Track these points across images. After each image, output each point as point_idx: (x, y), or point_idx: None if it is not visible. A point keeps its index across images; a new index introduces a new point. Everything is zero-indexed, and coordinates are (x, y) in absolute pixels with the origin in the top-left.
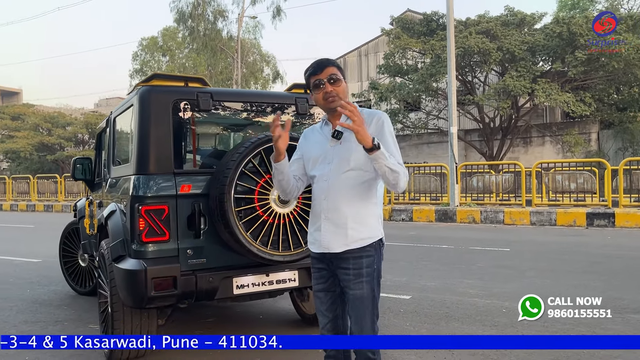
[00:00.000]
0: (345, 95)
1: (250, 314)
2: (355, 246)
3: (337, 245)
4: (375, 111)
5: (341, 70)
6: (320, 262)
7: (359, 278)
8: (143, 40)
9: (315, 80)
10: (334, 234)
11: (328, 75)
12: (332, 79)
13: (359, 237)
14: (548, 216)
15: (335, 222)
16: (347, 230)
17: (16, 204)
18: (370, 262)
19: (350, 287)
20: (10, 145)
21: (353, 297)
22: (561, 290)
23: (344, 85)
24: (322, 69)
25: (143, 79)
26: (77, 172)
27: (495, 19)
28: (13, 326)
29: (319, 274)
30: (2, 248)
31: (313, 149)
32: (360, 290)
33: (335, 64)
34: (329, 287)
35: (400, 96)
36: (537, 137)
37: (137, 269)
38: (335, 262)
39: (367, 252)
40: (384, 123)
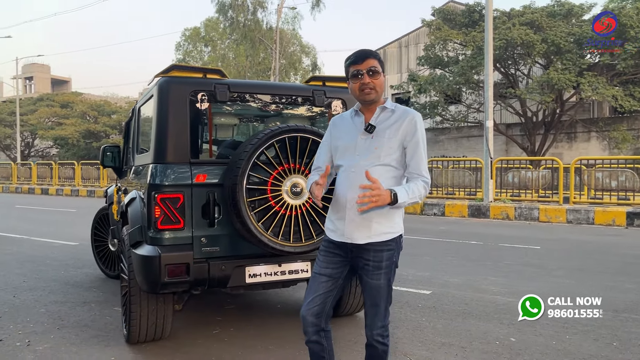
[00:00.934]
0: (382, 89)
1: (269, 303)
2: (377, 239)
3: (360, 237)
4: (410, 110)
5: (382, 63)
6: (337, 249)
7: (378, 270)
8: (186, 30)
9: (355, 70)
10: (358, 225)
11: (368, 67)
12: (371, 71)
13: (382, 231)
14: (586, 214)
15: (361, 214)
16: (371, 224)
17: (61, 189)
18: (390, 255)
19: (369, 277)
20: (59, 132)
21: (370, 285)
22: (585, 291)
23: (382, 78)
24: (363, 59)
25: (162, 70)
26: (106, 160)
27: (541, 9)
28: (43, 305)
29: (330, 259)
30: (45, 231)
31: (342, 137)
32: (378, 280)
33: (376, 56)
34: (335, 274)
35: (439, 88)
36: (582, 132)
37: (152, 255)
38: (355, 251)
39: (388, 245)
40: (416, 125)
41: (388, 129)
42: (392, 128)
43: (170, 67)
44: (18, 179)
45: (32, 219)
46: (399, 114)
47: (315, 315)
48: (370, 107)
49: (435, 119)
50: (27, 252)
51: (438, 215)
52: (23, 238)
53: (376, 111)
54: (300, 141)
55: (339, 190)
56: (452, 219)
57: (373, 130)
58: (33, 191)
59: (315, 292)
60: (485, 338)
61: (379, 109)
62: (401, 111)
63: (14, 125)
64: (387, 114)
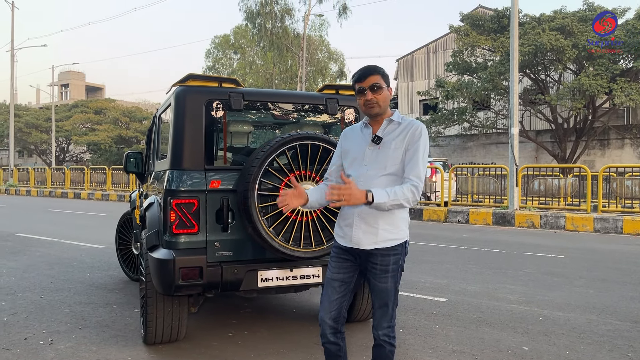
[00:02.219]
0: (387, 102)
1: (284, 307)
2: (384, 245)
3: (367, 242)
4: (415, 122)
5: (385, 77)
6: (346, 254)
7: (385, 273)
8: (216, 38)
9: (359, 87)
10: (365, 232)
11: (371, 84)
12: (374, 87)
13: (388, 237)
14: (614, 223)
15: (368, 221)
16: (378, 230)
17: (93, 193)
18: (396, 259)
19: (377, 280)
20: (92, 138)
21: (378, 288)
22: (604, 301)
23: (386, 93)
24: (366, 76)
25: (179, 80)
26: (130, 166)
27: (572, 14)
28: (68, 306)
29: (341, 265)
30: (74, 234)
31: (352, 148)
32: (385, 283)
33: (380, 72)
34: (347, 278)
35: (467, 94)
36: (615, 139)
37: (167, 258)
38: (363, 256)
39: (395, 251)
40: (420, 134)
41: (394, 141)
42: (397, 139)
43: (186, 77)
44: (52, 184)
45: (64, 222)
46: (404, 125)
47: (333, 319)
48: (377, 120)
49: (464, 126)
50: (56, 254)
51: (462, 223)
52: (54, 241)
53: (383, 123)
54: (311, 148)
55: None
56: (477, 226)
57: (380, 142)
58: (66, 195)
59: (330, 297)
60: (497, 346)
61: (386, 121)
62: (407, 123)
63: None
64: (394, 126)
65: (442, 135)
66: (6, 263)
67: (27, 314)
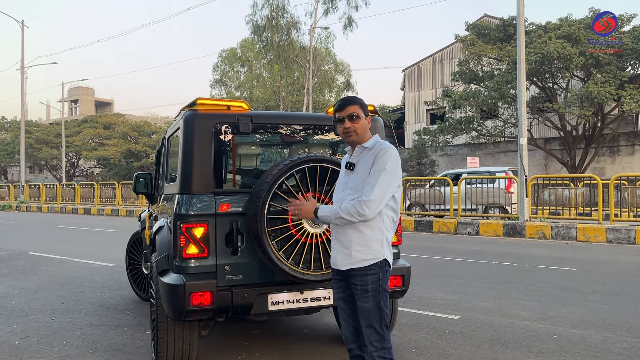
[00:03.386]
0: (364, 131)
1: (295, 328)
2: (358, 265)
3: (342, 263)
4: (384, 145)
5: (364, 108)
6: (337, 275)
7: (365, 293)
8: (223, 52)
9: (339, 116)
10: (341, 253)
11: (349, 113)
12: (352, 117)
13: (362, 257)
14: (627, 234)
15: (343, 243)
16: (351, 252)
17: (103, 209)
18: (375, 279)
19: (359, 300)
20: (102, 153)
21: (361, 308)
22: (620, 316)
23: (364, 122)
24: (345, 106)
25: (188, 104)
26: (139, 187)
27: (579, 22)
28: (79, 328)
29: (337, 285)
30: (85, 252)
31: (339, 175)
32: (367, 303)
33: (358, 102)
34: (347, 296)
35: (475, 104)
36: (625, 146)
37: (177, 283)
38: (346, 277)
39: (371, 270)
40: (382, 155)
41: (364, 165)
42: (366, 163)
43: (195, 101)
44: (62, 199)
45: (74, 239)
46: (374, 150)
47: (353, 333)
48: (353, 147)
49: (471, 135)
50: (67, 274)
51: (472, 234)
52: (64, 259)
53: (356, 150)
54: (319, 170)
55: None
56: (487, 238)
57: (353, 167)
58: (76, 211)
59: (342, 315)
60: None
61: (359, 148)
62: (377, 147)
63: (60, 146)
64: (366, 152)
65: (450, 145)
66: (17, 283)
67: (39, 337)
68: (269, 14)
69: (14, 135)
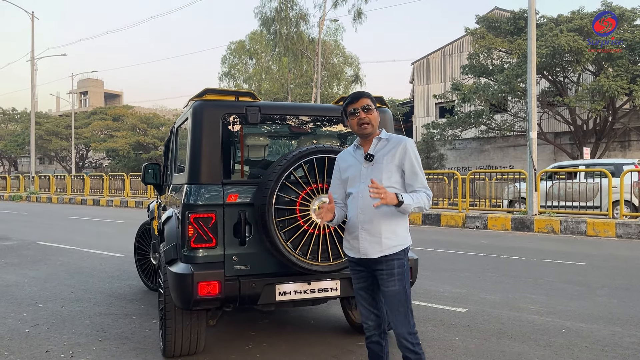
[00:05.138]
0: (377, 123)
1: (302, 319)
2: (388, 252)
3: (373, 252)
4: (402, 137)
5: (374, 102)
6: (358, 265)
7: (392, 277)
8: (232, 44)
9: (352, 109)
10: (371, 242)
11: (362, 105)
12: (366, 108)
13: (391, 244)
14: (637, 228)
15: (371, 232)
16: (381, 239)
17: (112, 200)
18: (400, 264)
19: (385, 285)
20: (111, 145)
21: (387, 293)
22: (628, 311)
23: (376, 114)
24: (357, 99)
25: (196, 94)
26: (148, 177)
27: (590, 15)
28: (88, 317)
29: (358, 275)
30: (94, 242)
31: (348, 169)
32: (393, 287)
33: (369, 96)
34: (368, 285)
35: (484, 97)
36: (637, 140)
37: (185, 272)
38: (372, 265)
39: (398, 256)
40: (410, 151)
41: (385, 156)
42: (388, 155)
43: (204, 91)
44: (72, 190)
45: (83, 229)
46: (393, 142)
47: (375, 321)
48: (368, 140)
49: (481, 128)
50: (76, 264)
51: (480, 228)
52: (74, 249)
53: (373, 142)
54: (327, 162)
55: (351, 214)
56: (495, 232)
57: (372, 159)
58: (85, 202)
59: (364, 304)
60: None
61: (376, 139)
62: (395, 139)
63: (69, 138)
64: (383, 143)
65: (458, 139)
66: (28, 273)
67: (49, 325)
68: (277, 6)
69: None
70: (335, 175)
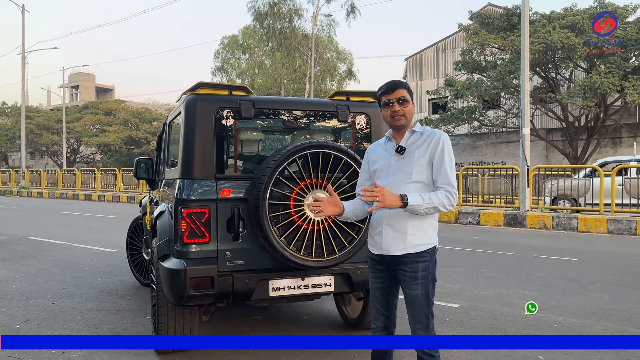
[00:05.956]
0: (412, 115)
1: (296, 314)
2: (412, 251)
3: (397, 249)
4: (436, 131)
5: (410, 92)
6: (379, 264)
7: (415, 280)
8: (225, 38)
9: (386, 100)
10: (394, 238)
11: (398, 97)
12: (401, 100)
13: (416, 242)
14: (628, 225)
15: (396, 228)
16: (406, 236)
17: (103, 195)
18: (425, 266)
19: (407, 287)
20: (103, 139)
21: (409, 296)
22: (620, 307)
23: (411, 106)
24: (393, 90)
25: (189, 88)
26: (140, 172)
27: (583, 12)
28: (80, 312)
29: (377, 274)
30: (85, 237)
31: (378, 161)
32: (415, 290)
33: (405, 86)
34: (386, 286)
35: (477, 93)
36: (628, 137)
37: (178, 268)
38: (394, 264)
39: (423, 257)
40: (444, 145)
41: (417, 150)
42: (421, 148)
43: (197, 85)
44: (63, 185)
45: (75, 224)
46: (426, 135)
47: (382, 322)
48: (400, 132)
49: (473, 125)
50: (68, 259)
51: (473, 224)
52: (65, 244)
53: (406, 134)
54: (322, 157)
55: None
56: (488, 227)
57: (404, 152)
58: (77, 197)
59: (376, 305)
60: (512, 355)
61: (409, 132)
62: (429, 133)
63: (60, 132)
64: (416, 136)
65: (451, 135)
66: (18, 268)
67: (40, 321)
68: (271, 1)
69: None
70: (364, 167)
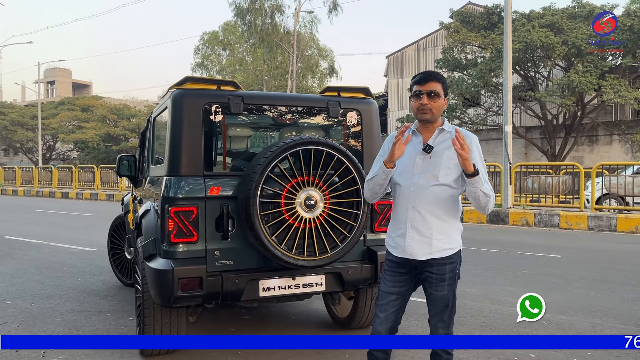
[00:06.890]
0: (440, 111)
1: (284, 314)
2: (438, 255)
3: (421, 253)
4: (468, 133)
5: (445, 87)
6: (401, 267)
7: (442, 282)
8: (204, 34)
9: (416, 90)
10: (418, 242)
11: (429, 89)
12: (432, 94)
13: (442, 247)
14: (608, 221)
15: (421, 231)
16: (432, 240)
17: (81, 193)
18: (452, 268)
19: (432, 288)
20: (80, 136)
21: (434, 297)
22: (607, 303)
23: (442, 102)
24: (425, 81)
25: (176, 82)
26: (122, 169)
27: (562, 11)
28: (60, 314)
29: (396, 278)
30: (64, 236)
31: (400, 156)
32: (442, 292)
33: (440, 80)
34: (403, 291)
35: (458, 91)
36: (604, 135)
37: (165, 268)
38: (419, 266)
39: (451, 260)
40: (471, 146)
41: (446, 150)
42: (450, 150)
43: (184, 79)
44: (39, 183)
45: (52, 223)
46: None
47: (388, 330)
48: (427, 127)
49: (454, 122)
50: (46, 258)
51: None
52: (42, 244)
53: (435, 132)
54: (314, 153)
55: (398, 209)
56: (471, 225)
57: (431, 151)
58: (54, 195)
59: (386, 310)
60: (503, 353)
61: (438, 130)
62: (461, 133)
63: (35, 129)
64: (445, 135)
65: None
66: None
67: (18, 323)
68: None
69: None
70: (381, 154)
